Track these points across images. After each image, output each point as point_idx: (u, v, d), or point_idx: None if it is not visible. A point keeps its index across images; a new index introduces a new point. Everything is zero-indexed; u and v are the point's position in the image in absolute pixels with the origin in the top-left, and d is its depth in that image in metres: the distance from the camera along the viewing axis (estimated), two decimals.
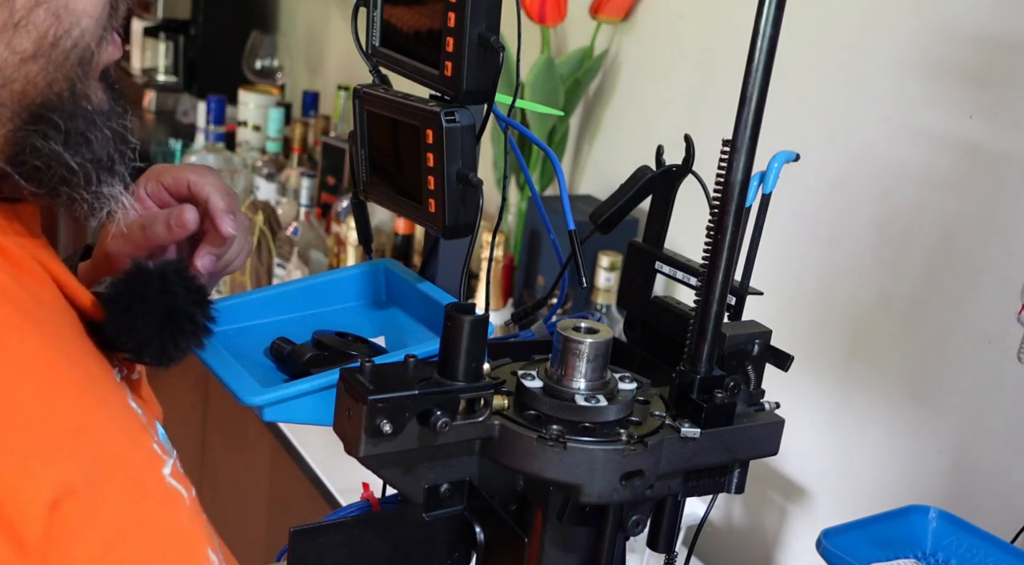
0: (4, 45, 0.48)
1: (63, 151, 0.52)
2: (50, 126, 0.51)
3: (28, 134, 0.51)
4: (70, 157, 0.52)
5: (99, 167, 0.53)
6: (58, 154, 0.52)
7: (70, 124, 0.52)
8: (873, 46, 1.31)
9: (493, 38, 0.68)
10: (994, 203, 1.18)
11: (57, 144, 0.51)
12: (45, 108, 0.51)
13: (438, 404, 0.63)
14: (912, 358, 1.28)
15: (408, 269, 0.86)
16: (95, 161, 0.53)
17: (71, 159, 0.52)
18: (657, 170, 0.77)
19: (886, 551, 0.95)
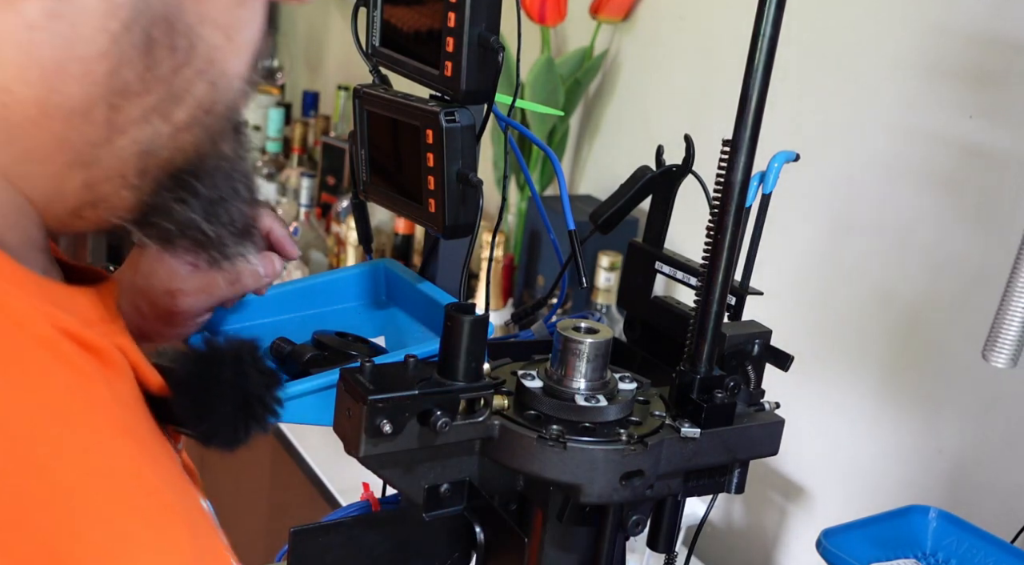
0: (162, 119, 0.46)
1: (200, 219, 0.50)
2: (190, 192, 0.49)
3: (164, 199, 0.49)
4: (208, 224, 0.50)
5: (234, 232, 0.52)
6: (195, 222, 0.50)
7: (210, 188, 0.50)
8: (873, 46, 1.31)
9: (493, 38, 0.68)
10: (994, 203, 1.18)
11: (195, 211, 0.49)
12: (186, 172, 0.49)
13: (438, 404, 0.63)
14: (912, 358, 1.28)
15: (408, 269, 0.86)
16: (231, 226, 0.51)
17: (208, 227, 0.50)
18: (657, 170, 0.77)
19: (886, 551, 0.95)
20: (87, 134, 0.45)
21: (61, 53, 0.42)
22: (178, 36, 0.45)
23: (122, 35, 0.43)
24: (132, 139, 0.46)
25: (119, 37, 0.43)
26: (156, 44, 0.44)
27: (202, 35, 0.46)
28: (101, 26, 0.42)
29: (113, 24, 0.43)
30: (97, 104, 0.44)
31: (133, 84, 0.44)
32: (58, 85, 0.43)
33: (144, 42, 0.44)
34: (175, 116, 0.46)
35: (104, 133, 0.45)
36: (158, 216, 0.49)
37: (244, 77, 0.49)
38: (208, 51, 0.46)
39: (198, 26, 0.45)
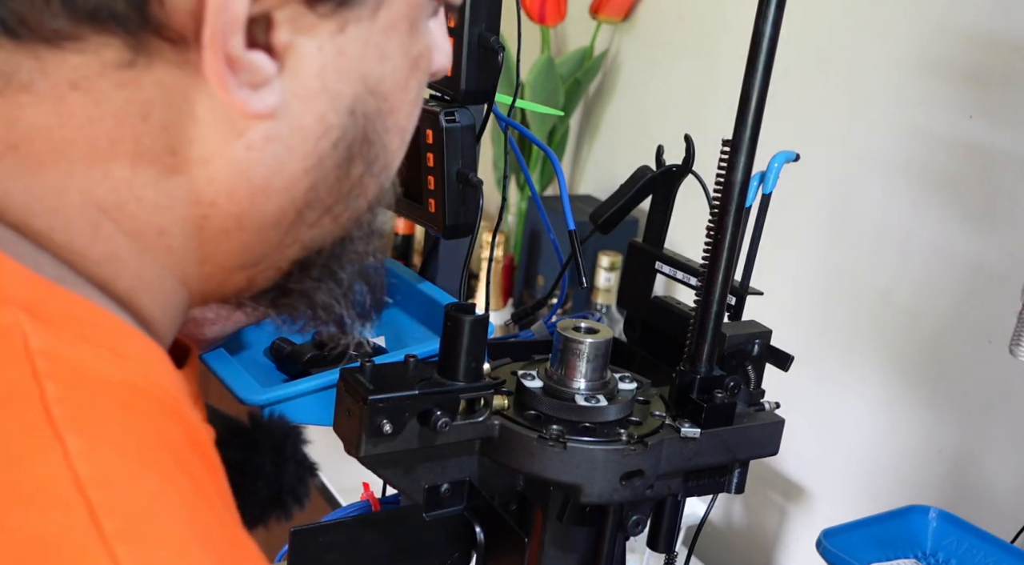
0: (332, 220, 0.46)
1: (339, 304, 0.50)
2: (336, 281, 0.49)
3: (308, 285, 0.49)
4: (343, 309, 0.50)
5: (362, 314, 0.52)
6: (332, 306, 0.50)
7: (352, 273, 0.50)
8: (873, 46, 1.31)
9: (493, 38, 0.68)
10: (994, 203, 1.18)
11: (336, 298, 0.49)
12: (335, 260, 0.49)
13: (438, 404, 0.63)
14: (912, 358, 1.28)
15: (408, 269, 0.86)
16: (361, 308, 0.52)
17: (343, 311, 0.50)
18: (657, 170, 0.77)
19: (886, 551, 0.95)
20: (271, 241, 0.45)
21: (271, 172, 0.42)
22: (371, 147, 0.45)
23: (328, 152, 0.43)
24: (303, 240, 0.46)
25: (325, 155, 0.43)
26: (353, 158, 0.44)
27: (389, 143, 0.46)
28: (313, 147, 0.43)
29: (324, 144, 0.43)
30: (288, 216, 0.44)
31: (325, 198, 0.45)
32: (261, 201, 0.43)
33: (345, 159, 0.44)
34: (345, 216, 0.47)
35: (285, 239, 0.45)
36: (297, 298, 0.49)
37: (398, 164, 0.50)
38: (386, 156, 0.47)
39: (386, 137, 0.46)
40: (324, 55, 0.41)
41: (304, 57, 0.40)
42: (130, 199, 0.41)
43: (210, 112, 0.40)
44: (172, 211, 0.42)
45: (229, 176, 0.42)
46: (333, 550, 0.69)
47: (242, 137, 0.41)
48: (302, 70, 0.41)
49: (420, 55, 0.46)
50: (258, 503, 0.58)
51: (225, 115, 0.40)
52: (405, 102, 0.46)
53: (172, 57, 0.39)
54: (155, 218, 0.42)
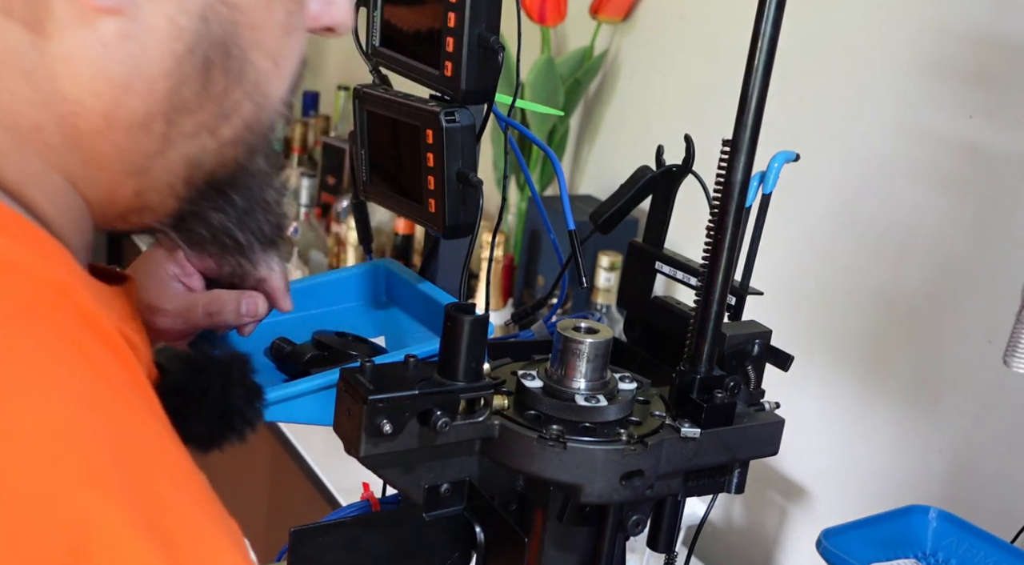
0: (210, 135, 0.49)
1: (235, 227, 0.53)
2: (227, 202, 0.52)
3: (203, 207, 0.52)
4: (240, 232, 0.53)
5: (263, 241, 0.55)
6: (229, 229, 0.53)
7: (245, 199, 0.53)
8: (873, 46, 1.31)
9: (493, 38, 0.68)
10: (994, 203, 1.18)
11: (231, 220, 0.53)
12: (225, 184, 0.52)
13: (438, 404, 0.63)
14: (912, 358, 1.28)
15: (408, 269, 0.86)
16: (260, 234, 0.54)
17: (240, 234, 0.53)
18: (657, 170, 0.77)
19: (886, 551, 0.95)
20: (144, 146, 0.48)
21: (129, 70, 0.46)
22: (232, 60, 0.48)
23: (185, 57, 0.46)
24: (182, 152, 0.49)
25: (182, 58, 0.46)
26: (213, 66, 0.47)
27: (253, 60, 0.49)
28: (168, 48, 0.46)
29: (178, 46, 0.46)
30: (156, 118, 0.47)
31: (189, 102, 0.48)
32: (124, 100, 0.46)
33: (203, 64, 0.47)
34: (222, 132, 0.50)
35: (159, 145, 0.48)
36: (195, 222, 0.52)
37: (285, 100, 0.52)
38: (256, 75, 0.49)
39: (250, 52, 0.49)
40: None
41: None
42: (2, 93, 0.45)
43: (64, 6, 0.44)
44: (44, 108, 0.46)
45: (90, 73, 0.45)
46: (333, 550, 0.69)
47: (95, 32, 0.45)
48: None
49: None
50: (207, 422, 0.62)
51: (78, 8, 0.44)
52: (270, 22, 0.49)
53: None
54: (29, 113, 0.46)
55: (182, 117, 0.48)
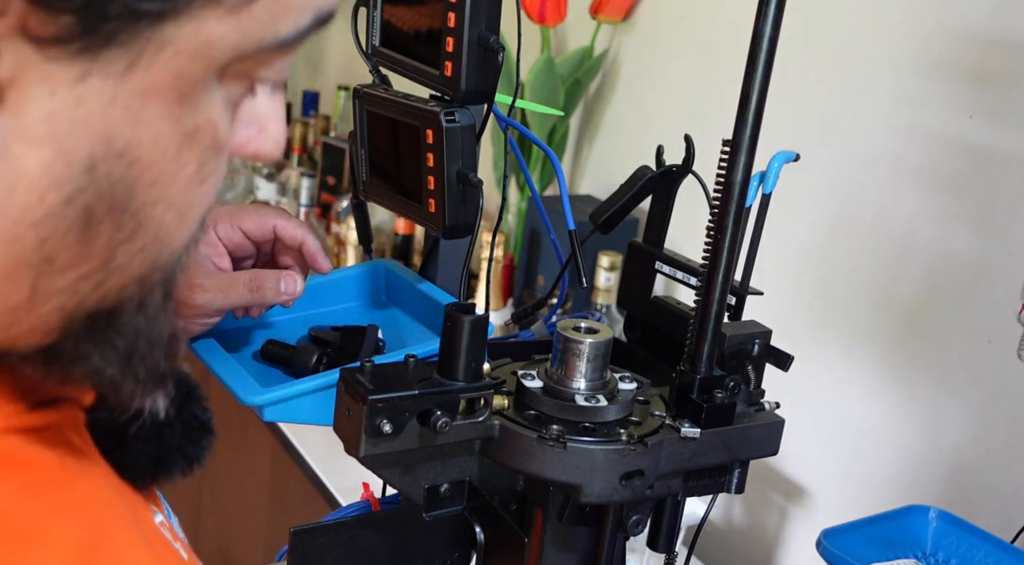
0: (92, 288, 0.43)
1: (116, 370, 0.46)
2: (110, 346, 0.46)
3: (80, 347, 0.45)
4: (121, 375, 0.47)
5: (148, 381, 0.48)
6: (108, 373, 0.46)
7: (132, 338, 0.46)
8: (873, 46, 1.31)
9: (493, 38, 0.68)
10: (994, 203, 1.18)
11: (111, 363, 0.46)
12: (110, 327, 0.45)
13: (438, 404, 0.63)
14: (912, 358, 1.28)
15: (408, 269, 0.86)
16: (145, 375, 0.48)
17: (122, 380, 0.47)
18: (657, 170, 0.77)
19: (886, 551, 0.95)
20: (9, 297, 0.42)
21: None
22: (125, 216, 0.42)
23: (59, 209, 0.40)
24: (56, 305, 0.43)
25: (55, 210, 0.40)
26: (97, 222, 0.41)
27: (152, 215, 0.43)
28: (38, 197, 0.40)
29: (52, 197, 0.40)
30: (21, 270, 0.41)
31: (62, 258, 0.42)
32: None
33: (83, 219, 0.41)
34: (107, 285, 0.44)
35: (26, 299, 0.42)
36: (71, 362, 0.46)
37: (190, 242, 0.47)
38: (156, 230, 0.43)
39: (150, 207, 0.42)
40: (57, 101, 0.38)
41: (31, 98, 0.38)
42: None
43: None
44: None
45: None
46: (333, 550, 0.69)
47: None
48: (27, 111, 0.38)
49: (198, 130, 0.42)
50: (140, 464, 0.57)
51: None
52: (178, 176, 0.43)
53: None
54: None
55: (56, 272, 0.42)
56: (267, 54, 0.43)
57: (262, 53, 0.43)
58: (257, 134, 0.49)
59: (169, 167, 0.42)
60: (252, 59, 0.43)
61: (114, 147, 0.40)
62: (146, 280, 0.45)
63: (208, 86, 0.42)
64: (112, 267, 0.43)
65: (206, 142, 0.43)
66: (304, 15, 0.44)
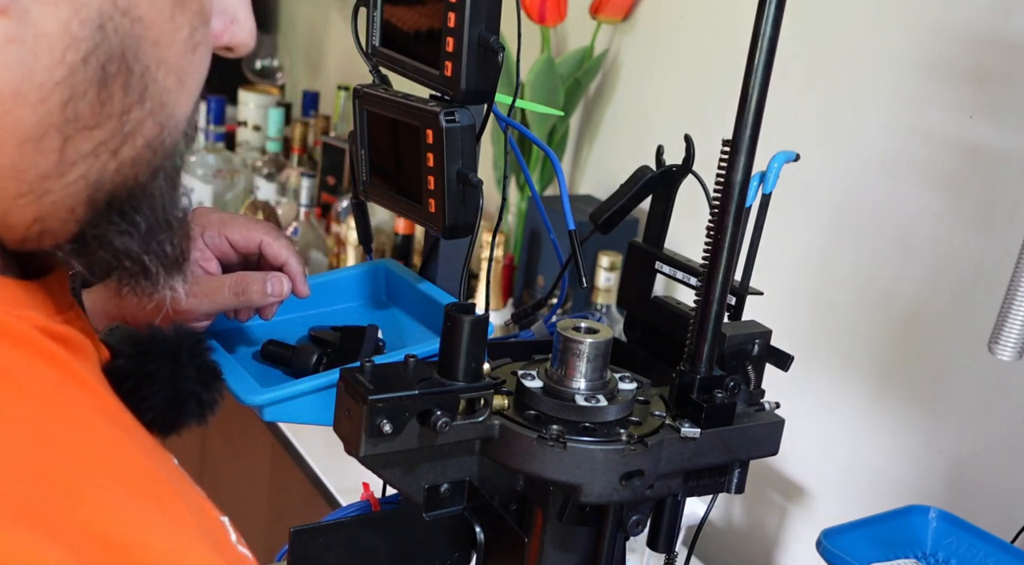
0: (111, 155, 0.46)
1: (139, 250, 0.50)
2: (131, 224, 0.49)
3: (105, 230, 0.49)
4: (144, 255, 0.50)
5: (168, 264, 0.52)
6: (133, 252, 0.50)
7: (149, 220, 0.50)
8: (873, 46, 1.31)
9: (493, 38, 0.68)
10: (994, 203, 1.18)
11: (134, 243, 0.49)
12: (128, 205, 0.49)
13: (438, 404, 0.63)
14: (912, 358, 1.28)
15: (408, 269, 0.86)
16: (163, 256, 0.51)
17: (145, 257, 0.50)
18: (657, 170, 0.77)
19: (886, 551, 0.95)
20: (39, 164, 0.45)
21: (18, 78, 0.43)
22: (133, 76, 0.45)
23: (79, 67, 0.43)
24: (81, 173, 0.46)
25: (76, 69, 0.43)
26: (111, 81, 0.45)
27: (156, 78, 0.47)
28: (60, 56, 0.43)
29: (71, 55, 0.43)
30: (50, 133, 0.44)
31: (86, 117, 0.45)
32: (13, 109, 0.43)
33: (100, 77, 0.44)
34: (123, 152, 0.47)
35: (55, 164, 0.45)
36: (97, 246, 0.49)
37: (189, 120, 0.50)
38: (160, 93, 0.47)
39: (153, 69, 0.46)
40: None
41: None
42: None
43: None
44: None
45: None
46: (333, 550, 0.69)
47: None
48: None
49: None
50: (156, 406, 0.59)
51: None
52: (174, 39, 0.47)
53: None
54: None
55: (79, 134, 0.45)
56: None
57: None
58: (230, 23, 0.52)
59: (166, 27, 0.46)
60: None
61: (119, 3, 0.44)
62: (157, 150, 0.48)
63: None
64: (126, 132, 0.46)
65: (194, 7, 0.48)
66: None
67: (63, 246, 0.49)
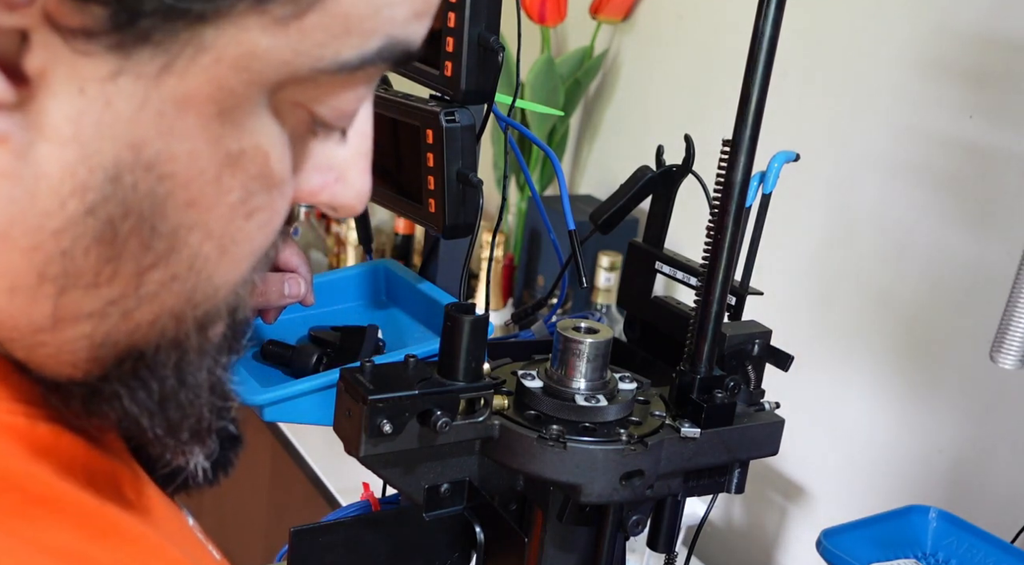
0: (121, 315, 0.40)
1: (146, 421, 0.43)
2: (143, 388, 0.43)
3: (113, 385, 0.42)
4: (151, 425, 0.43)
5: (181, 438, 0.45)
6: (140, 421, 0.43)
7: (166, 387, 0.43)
8: (873, 46, 1.31)
9: (493, 38, 0.68)
10: (994, 203, 1.18)
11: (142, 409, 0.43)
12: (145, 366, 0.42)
13: (438, 404, 0.63)
14: (912, 358, 1.28)
15: (408, 269, 0.86)
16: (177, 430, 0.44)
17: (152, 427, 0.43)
18: (657, 170, 0.77)
19: (886, 551, 0.95)
20: (33, 315, 0.39)
21: (9, 217, 0.37)
22: (157, 237, 0.39)
23: (80, 218, 0.37)
24: (84, 332, 0.41)
25: (78, 220, 0.37)
26: (124, 239, 0.38)
27: (188, 242, 0.40)
28: (59, 203, 0.37)
29: (74, 205, 0.37)
30: (45, 284, 0.39)
31: (88, 274, 0.39)
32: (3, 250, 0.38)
33: (108, 233, 0.38)
34: (137, 316, 0.41)
35: (50, 318, 0.40)
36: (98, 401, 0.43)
37: (239, 283, 0.43)
38: (191, 259, 0.40)
39: (184, 232, 0.39)
40: (85, 100, 0.35)
41: (58, 94, 0.35)
42: None
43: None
44: None
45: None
46: (333, 550, 0.69)
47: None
48: (53, 109, 0.36)
49: (243, 154, 0.39)
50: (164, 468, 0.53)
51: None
52: (219, 203, 0.39)
53: None
54: None
55: (80, 291, 0.39)
56: (326, 80, 0.39)
57: (319, 77, 0.39)
58: (334, 182, 0.45)
59: (207, 190, 0.39)
60: (309, 84, 0.39)
61: (143, 157, 0.37)
62: (182, 317, 0.42)
63: (255, 107, 0.39)
64: (142, 294, 0.40)
65: (253, 170, 0.40)
66: (370, 39, 0.39)
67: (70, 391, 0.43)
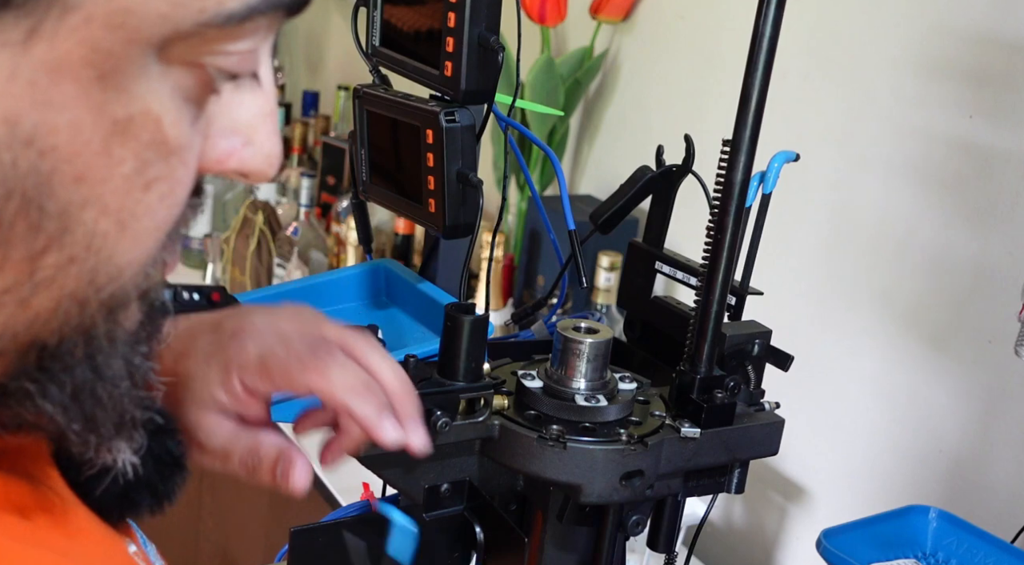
0: (17, 304, 0.37)
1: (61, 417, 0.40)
2: (53, 382, 0.40)
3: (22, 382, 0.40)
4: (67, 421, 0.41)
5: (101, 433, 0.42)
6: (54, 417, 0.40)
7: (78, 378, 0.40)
8: (873, 46, 1.31)
9: (493, 38, 0.68)
10: (994, 203, 1.18)
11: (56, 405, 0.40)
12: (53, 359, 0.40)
13: (438, 404, 0.63)
14: (912, 358, 1.28)
15: (408, 269, 0.86)
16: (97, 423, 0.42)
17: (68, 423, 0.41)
18: (657, 170, 0.77)
19: (886, 551, 0.95)
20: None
21: None
22: (46, 217, 0.36)
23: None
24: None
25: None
26: (8, 222, 0.36)
27: (82, 220, 0.37)
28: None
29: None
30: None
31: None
32: None
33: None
34: (36, 303, 0.38)
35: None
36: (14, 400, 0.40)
37: (146, 262, 0.40)
38: (89, 238, 0.37)
39: (77, 210, 0.36)
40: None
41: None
42: None
43: None
44: None
45: None
46: (333, 550, 0.69)
47: None
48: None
49: (131, 120, 0.36)
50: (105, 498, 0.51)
51: None
52: (111, 175, 0.36)
53: None
54: None
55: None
56: (213, 34, 0.36)
57: (206, 31, 0.36)
58: (242, 146, 0.42)
59: (96, 162, 0.36)
60: (195, 40, 0.36)
61: (19, 131, 0.34)
62: (85, 302, 0.39)
63: (140, 69, 0.36)
64: (37, 280, 0.37)
65: (145, 138, 0.37)
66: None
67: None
